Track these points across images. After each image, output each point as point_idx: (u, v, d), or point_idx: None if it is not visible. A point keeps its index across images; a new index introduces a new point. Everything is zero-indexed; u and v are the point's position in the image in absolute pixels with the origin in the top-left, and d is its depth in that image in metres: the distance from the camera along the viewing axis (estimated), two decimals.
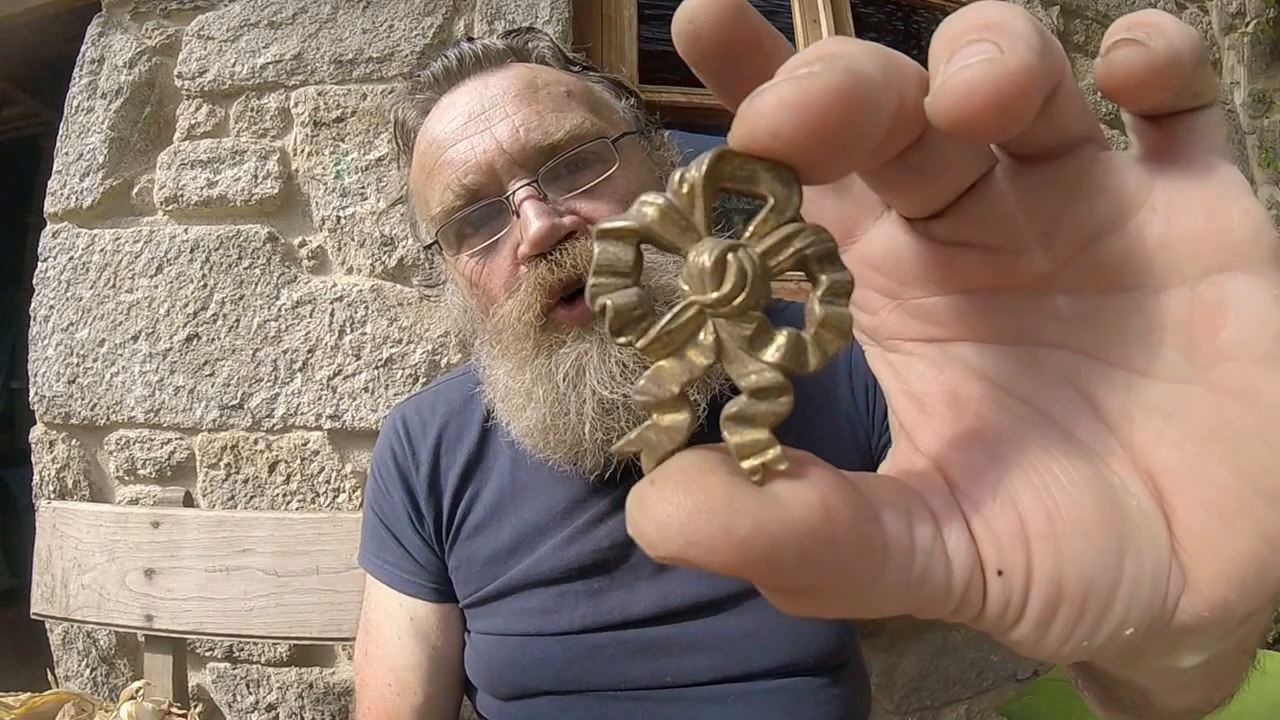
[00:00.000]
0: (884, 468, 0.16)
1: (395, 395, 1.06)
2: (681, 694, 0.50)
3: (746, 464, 0.12)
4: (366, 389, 1.06)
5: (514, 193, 0.48)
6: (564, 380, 0.47)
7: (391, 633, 0.57)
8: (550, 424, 0.48)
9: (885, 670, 1.13)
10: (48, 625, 1.08)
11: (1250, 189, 0.14)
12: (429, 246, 0.55)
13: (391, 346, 1.07)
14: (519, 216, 0.48)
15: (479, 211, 0.50)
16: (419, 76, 0.55)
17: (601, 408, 0.47)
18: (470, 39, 0.54)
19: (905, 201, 0.15)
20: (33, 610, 0.94)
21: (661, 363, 0.12)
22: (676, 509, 0.11)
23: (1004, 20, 0.11)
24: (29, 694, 0.76)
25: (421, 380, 1.06)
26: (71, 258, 1.12)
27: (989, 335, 0.15)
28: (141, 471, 1.09)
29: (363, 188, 1.10)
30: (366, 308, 1.08)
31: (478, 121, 0.49)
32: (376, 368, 1.07)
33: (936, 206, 0.15)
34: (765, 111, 0.11)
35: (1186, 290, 0.13)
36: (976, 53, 0.11)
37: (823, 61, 0.11)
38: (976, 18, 0.12)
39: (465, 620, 0.58)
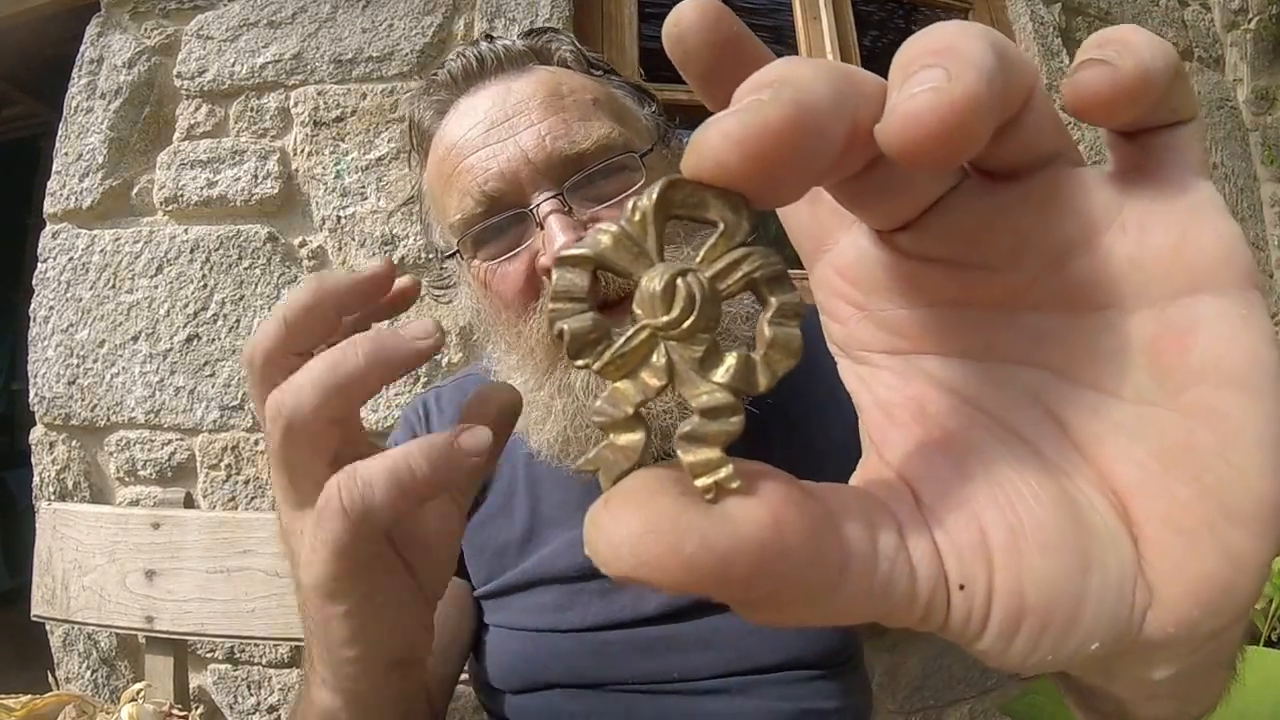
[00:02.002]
0: (853, 479, 0.16)
1: (395, 395, 1.06)
2: (688, 688, 0.52)
3: (700, 482, 0.12)
4: None
5: (539, 205, 0.47)
6: (583, 391, 0.47)
7: None
8: (571, 436, 0.48)
9: (889, 670, 1.13)
10: (48, 627, 1.08)
11: (1225, 208, 0.13)
12: (449, 256, 0.54)
13: None
14: (543, 229, 0.47)
15: (501, 222, 0.49)
16: (436, 75, 0.53)
17: None
18: (490, 38, 0.53)
19: (870, 215, 0.15)
20: (33, 612, 0.94)
21: (617, 384, 0.13)
22: (627, 530, 0.11)
23: (958, 44, 0.11)
24: (30, 696, 0.76)
25: (422, 380, 1.06)
26: (71, 258, 1.12)
27: (955, 349, 0.15)
28: (142, 472, 1.09)
29: (363, 187, 1.10)
30: None
31: (501, 129, 0.48)
32: None
33: (901, 220, 0.15)
34: (711, 144, 0.11)
35: (1156, 312, 0.13)
36: (924, 80, 0.11)
37: (771, 89, 0.11)
38: (931, 42, 0.12)
39: (480, 610, 0.59)
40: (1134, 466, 0.13)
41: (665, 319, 0.12)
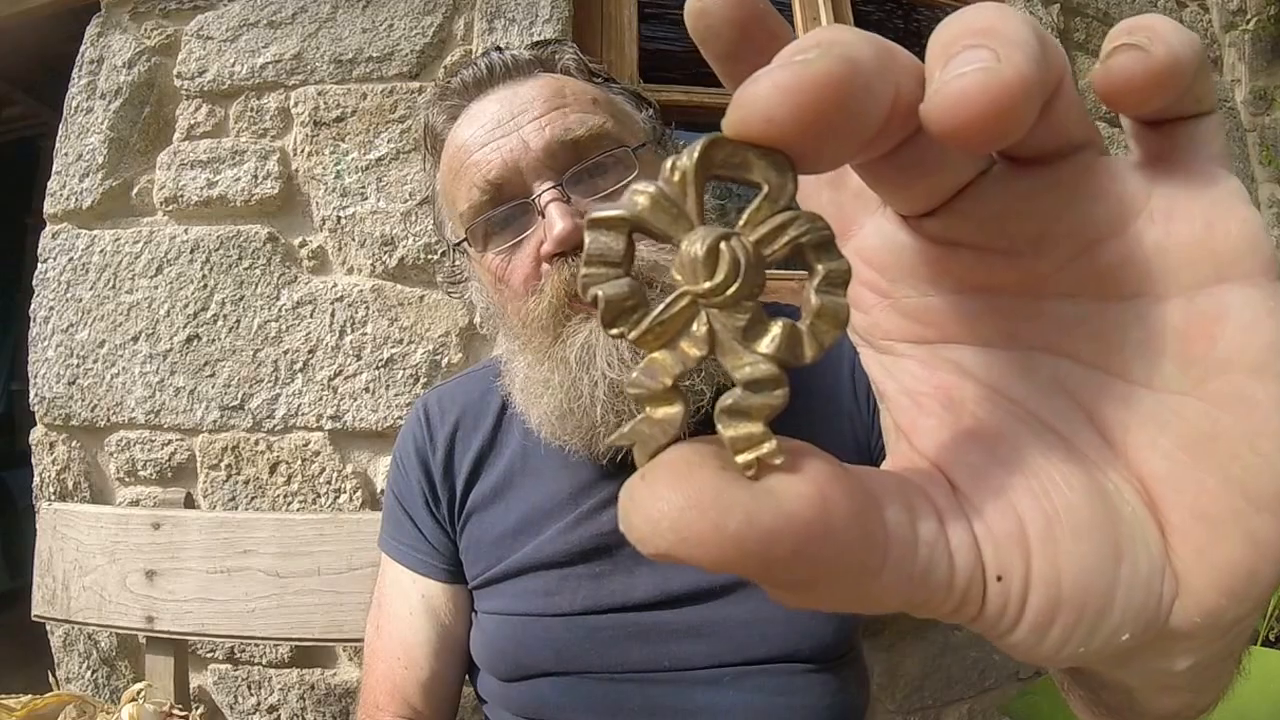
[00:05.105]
0: (884, 467, 0.16)
1: (396, 395, 1.06)
2: (679, 678, 0.52)
3: (741, 458, 0.11)
4: (367, 389, 1.06)
5: (540, 195, 0.50)
6: (576, 363, 0.49)
7: (404, 609, 0.60)
8: (566, 409, 0.50)
9: (887, 670, 1.13)
10: (49, 627, 1.08)
11: (1248, 198, 0.13)
12: (457, 245, 0.57)
13: (392, 346, 1.07)
14: (544, 217, 0.50)
15: (506, 212, 0.52)
16: (449, 83, 0.57)
17: (612, 390, 0.48)
18: (500, 49, 0.57)
19: (898, 198, 0.15)
20: (34, 612, 0.94)
21: (654, 354, 0.12)
22: (667, 505, 0.11)
23: (1001, 25, 0.11)
24: (30, 696, 0.76)
25: (423, 380, 1.06)
26: (71, 259, 1.12)
27: (981, 338, 0.15)
28: (142, 473, 1.09)
29: (363, 187, 1.10)
30: (367, 308, 1.08)
31: (506, 126, 0.52)
32: (377, 368, 1.06)
33: (930, 204, 0.14)
34: (760, 96, 0.11)
35: (1184, 300, 0.13)
36: (972, 60, 0.11)
37: (819, 48, 0.11)
38: (973, 21, 0.11)
39: (473, 601, 0.60)
40: (1161, 456, 0.13)
41: (708, 285, 0.11)
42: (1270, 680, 0.75)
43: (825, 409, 0.55)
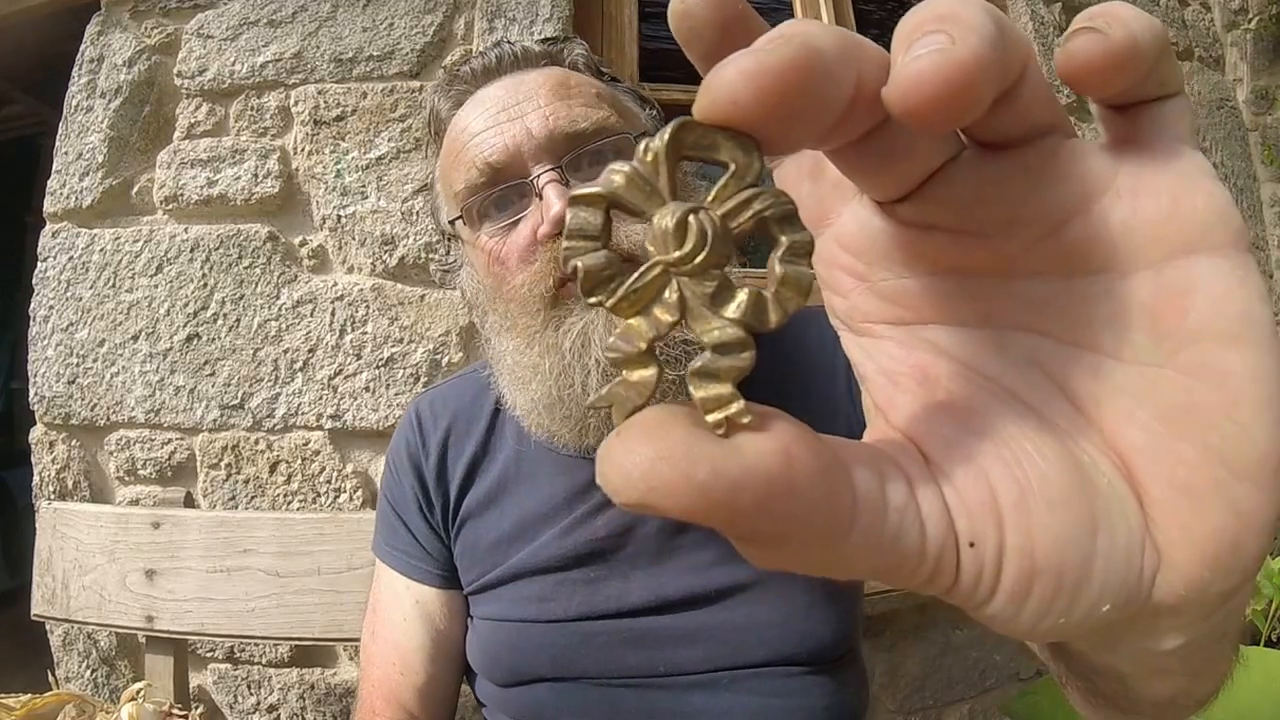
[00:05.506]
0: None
1: (396, 395, 1.06)
2: (674, 682, 0.52)
3: (711, 417, 0.12)
4: (367, 389, 1.06)
5: (538, 177, 0.50)
6: (570, 350, 0.48)
7: (398, 614, 0.60)
8: (556, 397, 0.49)
9: (888, 670, 1.13)
10: (48, 626, 1.08)
11: (1215, 174, 0.14)
12: (452, 222, 0.57)
13: (392, 346, 1.07)
14: (541, 199, 0.50)
15: (502, 193, 0.52)
16: (458, 71, 0.57)
17: (605, 377, 0.48)
18: (510, 41, 0.57)
19: (871, 184, 0.15)
20: (33, 611, 0.94)
21: (630, 320, 0.13)
22: (639, 457, 0.11)
23: (959, 12, 0.12)
24: (29, 695, 0.76)
25: (423, 380, 1.06)
26: (71, 257, 1.12)
27: (956, 317, 0.16)
28: (142, 472, 1.09)
29: (363, 186, 1.10)
30: (367, 307, 1.08)
31: (509, 112, 0.52)
32: (377, 367, 1.06)
33: (902, 190, 0.15)
34: (726, 80, 0.11)
35: (1153, 274, 0.13)
36: (929, 44, 0.11)
37: (784, 38, 0.11)
38: (933, 10, 0.12)
39: (468, 606, 0.60)
40: (1137, 428, 0.13)
41: (677, 254, 0.12)
42: (1271, 680, 0.75)
43: (824, 409, 0.55)
